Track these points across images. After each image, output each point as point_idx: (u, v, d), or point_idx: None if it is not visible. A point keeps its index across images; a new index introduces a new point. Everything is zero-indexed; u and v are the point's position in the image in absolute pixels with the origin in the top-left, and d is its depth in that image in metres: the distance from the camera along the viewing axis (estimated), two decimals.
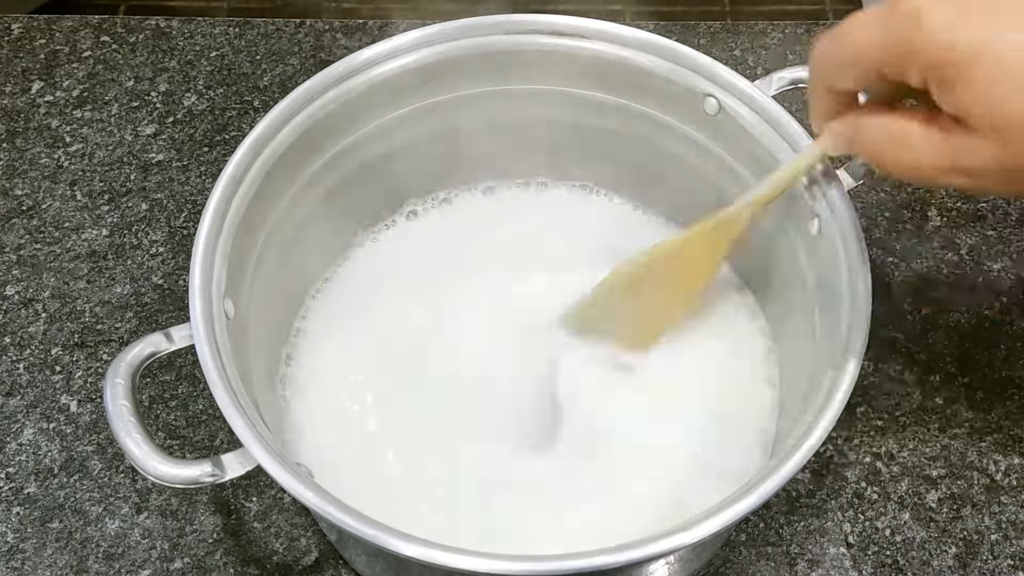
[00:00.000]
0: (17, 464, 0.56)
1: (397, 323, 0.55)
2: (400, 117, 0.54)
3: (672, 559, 0.49)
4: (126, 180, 0.66)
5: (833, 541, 0.53)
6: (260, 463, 0.40)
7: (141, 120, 0.69)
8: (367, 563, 0.51)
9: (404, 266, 0.58)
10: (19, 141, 0.68)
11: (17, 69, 0.71)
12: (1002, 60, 0.34)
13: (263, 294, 0.50)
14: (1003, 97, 0.34)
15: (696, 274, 0.52)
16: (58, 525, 0.54)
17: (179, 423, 0.57)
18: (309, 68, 0.71)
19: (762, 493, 0.39)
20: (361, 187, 0.56)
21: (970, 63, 0.34)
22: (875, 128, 0.40)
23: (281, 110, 0.50)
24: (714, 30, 0.73)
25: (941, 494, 0.55)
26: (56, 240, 0.64)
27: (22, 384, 0.58)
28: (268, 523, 0.54)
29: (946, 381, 0.58)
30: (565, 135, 0.57)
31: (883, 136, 0.40)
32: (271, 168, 0.49)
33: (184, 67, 0.71)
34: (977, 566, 0.53)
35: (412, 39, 0.52)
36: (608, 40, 0.52)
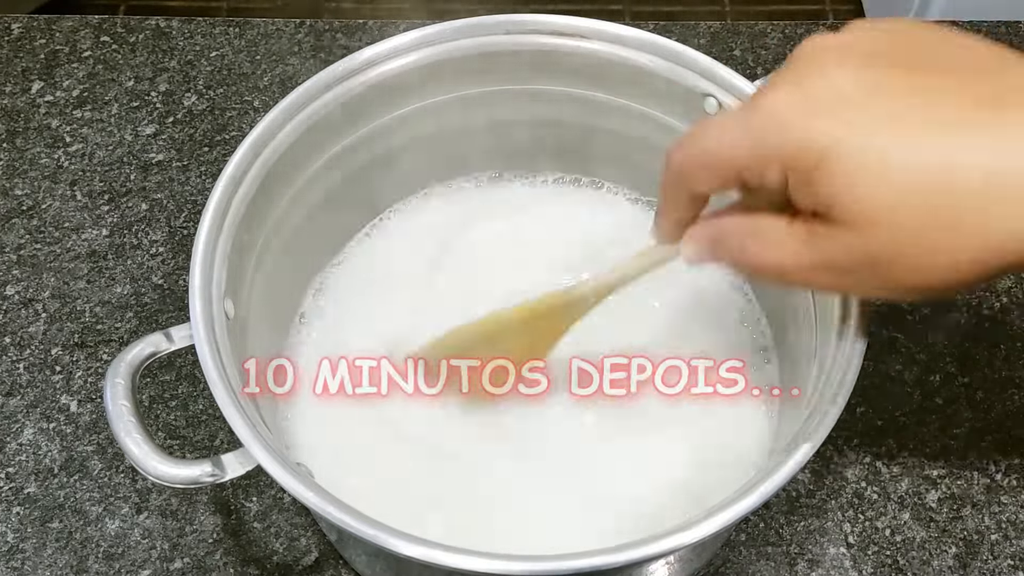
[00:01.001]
0: (17, 464, 0.56)
1: (397, 322, 0.55)
2: (400, 117, 0.54)
3: (672, 559, 0.49)
4: (126, 180, 0.66)
5: (833, 541, 0.53)
6: (260, 463, 0.40)
7: (141, 120, 0.69)
8: (367, 563, 0.51)
9: (404, 265, 0.58)
10: (19, 141, 0.68)
11: (17, 69, 0.71)
12: (864, 150, 0.33)
13: (263, 294, 0.50)
14: (868, 187, 0.33)
15: (535, 346, 0.51)
16: (58, 525, 0.54)
17: (179, 423, 0.57)
18: (309, 68, 0.71)
19: (762, 493, 0.39)
20: (361, 187, 0.56)
21: (832, 158, 0.33)
22: (736, 228, 0.39)
23: (281, 110, 0.49)
24: (714, 30, 0.73)
25: (941, 494, 0.55)
26: (56, 240, 0.64)
27: (22, 384, 0.58)
28: (268, 523, 0.54)
29: (946, 381, 0.58)
30: (565, 135, 0.57)
31: (745, 233, 0.38)
32: (271, 168, 0.49)
33: (184, 67, 0.71)
34: (977, 566, 0.53)
35: (412, 39, 0.52)
36: (608, 40, 0.52)
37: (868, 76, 0.34)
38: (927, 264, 0.34)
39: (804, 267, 0.37)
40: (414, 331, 0.55)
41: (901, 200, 0.33)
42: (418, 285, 0.57)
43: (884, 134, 0.33)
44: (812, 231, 0.36)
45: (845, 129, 0.33)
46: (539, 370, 0.52)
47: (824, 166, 0.34)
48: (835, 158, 0.33)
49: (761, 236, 0.38)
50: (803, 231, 0.36)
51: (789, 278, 0.37)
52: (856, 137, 0.33)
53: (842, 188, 0.34)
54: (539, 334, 0.50)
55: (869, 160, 0.33)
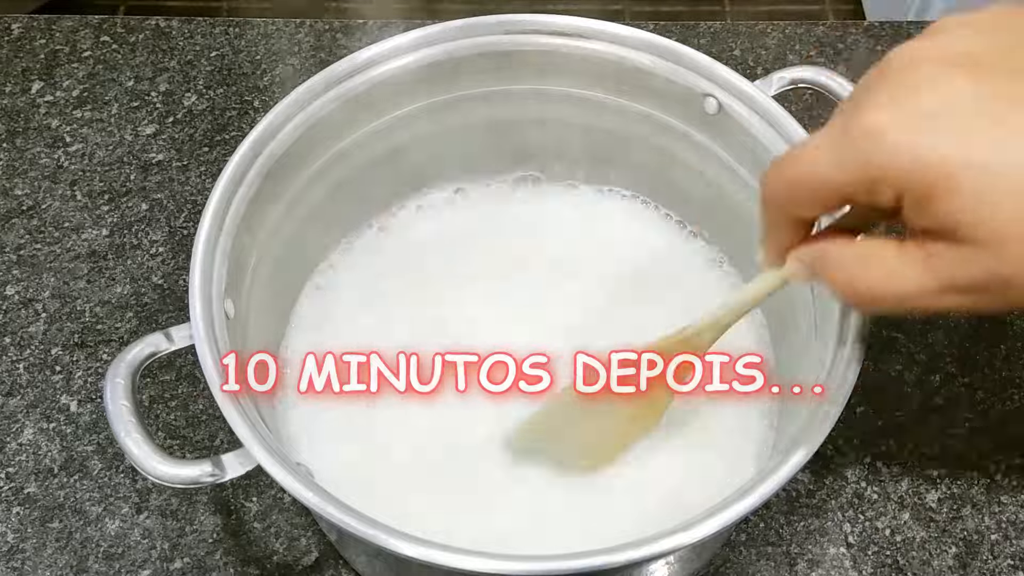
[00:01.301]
0: (17, 464, 0.56)
1: (397, 322, 0.55)
2: (400, 117, 0.54)
3: (672, 559, 0.49)
4: (126, 180, 0.66)
5: (833, 541, 0.53)
6: (260, 463, 0.40)
7: (141, 120, 0.69)
8: (367, 563, 0.51)
9: (404, 265, 0.58)
10: (19, 141, 0.68)
11: (17, 69, 0.71)
12: (987, 166, 0.32)
13: (263, 294, 0.50)
14: (996, 204, 0.32)
15: (657, 395, 0.49)
16: (58, 525, 0.54)
17: (179, 423, 0.57)
18: (309, 68, 0.71)
19: (762, 493, 0.39)
20: (361, 187, 0.56)
21: (951, 174, 0.32)
22: (842, 256, 0.37)
23: (281, 110, 0.50)
24: (714, 30, 0.73)
25: (941, 494, 0.55)
26: (56, 240, 0.64)
27: (22, 384, 0.58)
28: (268, 523, 0.54)
29: (946, 381, 0.58)
30: (565, 135, 0.57)
31: (851, 263, 0.37)
32: (271, 168, 0.49)
33: (184, 67, 0.71)
34: (977, 566, 0.53)
35: (412, 39, 0.52)
36: (608, 40, 0.52)
37: (974, 87, 0.32)
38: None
39: (928, 292, 0.35)
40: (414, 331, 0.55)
41: None
42: (418, 286, 0.57)
43: (1009, 148, 0.32)
44: (930, 253, 0.34)
45: (964, 145, 0.32)
46: (541, 366, 0.51)
47: (946, 185, 0.32)
48: (958, 176, 0.32)
49: (871, 264, 0.36)
50: (919, 254, 0.34)
51: (910, 304, 0.36)
52: (978, 153, 0.32)
53: (969, 207, 0.32)
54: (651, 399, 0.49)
55: (996, 176, 0.32)
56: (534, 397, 0.51)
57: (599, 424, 0.50)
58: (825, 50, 0.72)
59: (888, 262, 0.35)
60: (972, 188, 0.32)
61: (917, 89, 0.33)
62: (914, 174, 0.33)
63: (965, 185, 0.32)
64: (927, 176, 0.32)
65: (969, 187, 0.32)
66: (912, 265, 0.35)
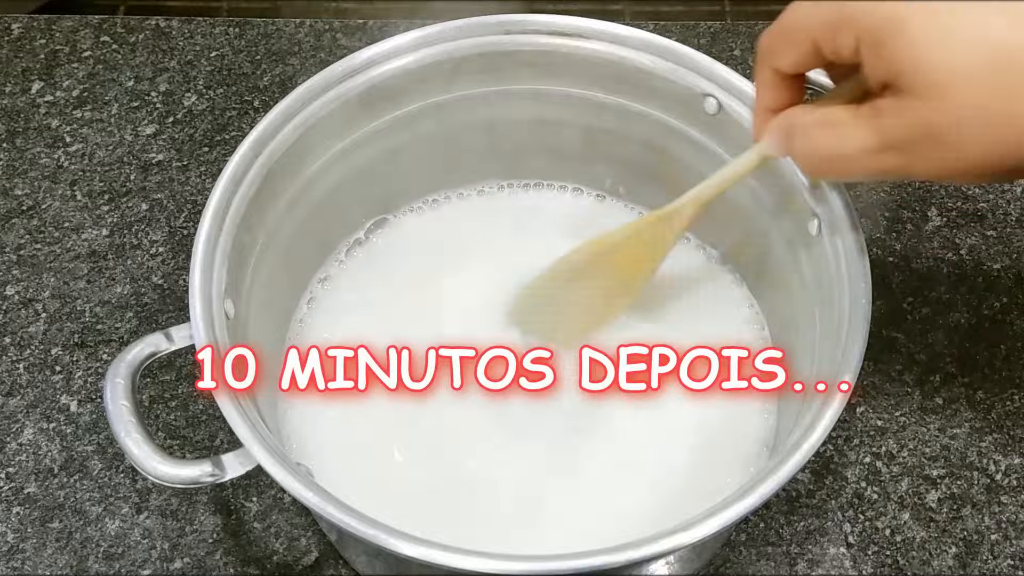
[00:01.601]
0: (17, 464, 0.56)
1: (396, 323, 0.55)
2: (400, 117, 0.54)
3: (672, 559, 0.49)
4: (126, 180, 0.66)
5: (833, 541, 0.53)
6: (260, 463, 0.41)
7: (141, 120, 0.69)
8: (367, 563, 0.51)
9: (403, 265, 0.58)
10: (19, 141, 0.68)
11: (17, 69, 0.71)
12: (936, 16, 0.34)
13: (263, 294, 0.50)
14: (931, 48, 0.34)
15: (639, 267, 0.51)
16: (58, 525, 0.54)
17: (179, 423, 0.57)
18: (309, 68, 0.71)
19: (762, 493, 0.39)
20: (361, 187, 0.56)
21: (901, 20, 0.34)
22: (808, 117, 0.40)
23: (281, 110, 0.50)
24: (714, 30, 0.73)
25: (941, 494, 0.55)
26: (56, 240, 0.64)
27: (22, 384, 0.58)
28: (268, 523, 0.54)
29: (946, 381, 0.58)
30: (565, 135, 0.57)
31: (814, 124, 0.40)
32: (271, 168, 0.49)
33: (184, 67, 0.71)
34: (977, 566, 0.53)
35: (412, 39, 0.52)
36: (608, 40, 0.52)
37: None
38: (989, 138, 0.34)
39: (870, 151, 0.37)
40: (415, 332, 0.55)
41: (969, 71, 0.34)
42: (418, 286, 0.57)
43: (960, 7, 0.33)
44: (877, 109, 0.36)
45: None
46: (544, 361, 0.49)
47: (895, 32, 0.34)
48: (905, 24, 0.34)
49: (827, 124, 0.39)
50: (868, 112, 0.37)
51: (854, 165, 0.38)
52: (929, 5, 0.34)
53: (911, 55, 0.34)
54: (634, 264, 0.50)
55: (940, 28, 0.33)
56: (536, 396, 0.50)
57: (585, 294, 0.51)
58: None
59: (842, 124, 0.38)
60: (917, 38, 0.34)
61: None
62: (868, 15, 0.35)
63: (911, 29, 0.34)
64: (878, 17, 0.35)
65: (914, 37, 0.34)
66: (861, 125, 0.37)
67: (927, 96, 0.35)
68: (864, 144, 0.37)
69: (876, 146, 0.37)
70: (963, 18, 0.34)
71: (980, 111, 0.34)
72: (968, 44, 0.33)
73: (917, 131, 0.36)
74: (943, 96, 0.34)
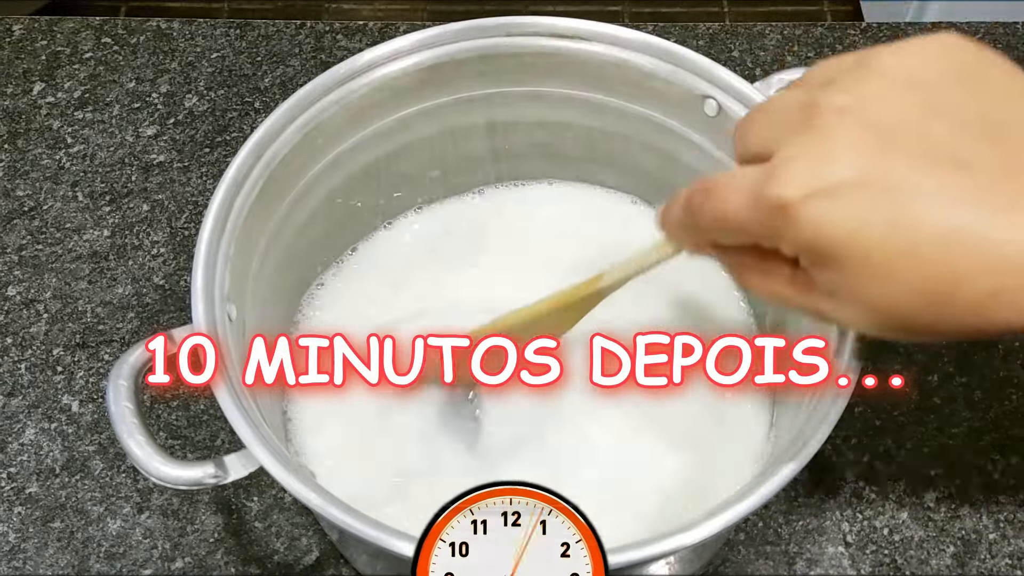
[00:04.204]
0: (19, 464, 0.56)
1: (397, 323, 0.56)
2: (401, 119, 0.54)
3: (673, 559, 0.49)
4: (127, 181, 0.66)
5: (832, 540, 0.54)
6: (263, 465, 0.41)
7: (142, 121, 0.69)
8: (368, 563, 0.52)
9: (405, 266, 0.58)
10: (20, 142, 0.68)
11: (18, 70, 0.71)
12: (869, 257, 0.34)
13: (265, 295, 0.51)
14: (868, 286, 0.35)
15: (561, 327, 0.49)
16: (60, 525, 0.54)
17: (180, 423, 0.57)
18: (310, 70, 0.71)
19: (762, 494, 0.40)
20: (363, 189, 0.56)
21: (839, 256, 0.34)
22: (744, 261, 0.39)
23: (283, 112, 0.50)
24: (713, 31, 0.73)
25: (939, 493, 0.55)
26: (58, 241, 0.64)
27: (24, 384, 0.59)
28: (269, 523, 0.54)
29: (944, 381, 0.58)
30: (565, 137, 0.57)
31: (750, 266, 0.39)
32: (273, 170, 0.49)
33: (185, 68, 0.71)
34: (975, 565, 0.53)
35: (413, 41, 0.52)
36: (608, 42, 0.52)
37: (880, 163, 0.34)
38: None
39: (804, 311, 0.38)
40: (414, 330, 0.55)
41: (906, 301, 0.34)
42: (418, 285, 0.57)
43: (899, 236, 0.33)
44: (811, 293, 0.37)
45: (851, 228, 0.34)
46: (549, 352, 0.44)
47: (830, 262, 0.35)
48: (842, 257, 0.34)
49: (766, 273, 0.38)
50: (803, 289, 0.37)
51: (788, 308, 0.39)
52: (860, 239, 0.34)
53: (845, 283, 0.35)
54: (553, 327, 0.48)
55: (872, 262, 0.34)
56: (540, 391, 0.46)
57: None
58: (823, 51, 0.72)
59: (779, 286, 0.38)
60: (849, 270, 0.34)
61: (830, 159, 0.34)
62: (810, 251, 0.35)
63: (845, 266, 0.34)
64: (820, 254, 0.35)
65: (847, 269, 0.34)
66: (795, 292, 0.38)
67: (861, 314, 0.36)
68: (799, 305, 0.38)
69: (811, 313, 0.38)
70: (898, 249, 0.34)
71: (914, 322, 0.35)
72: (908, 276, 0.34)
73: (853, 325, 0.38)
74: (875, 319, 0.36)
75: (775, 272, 0.38)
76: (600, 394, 0.46)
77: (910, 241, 0.33)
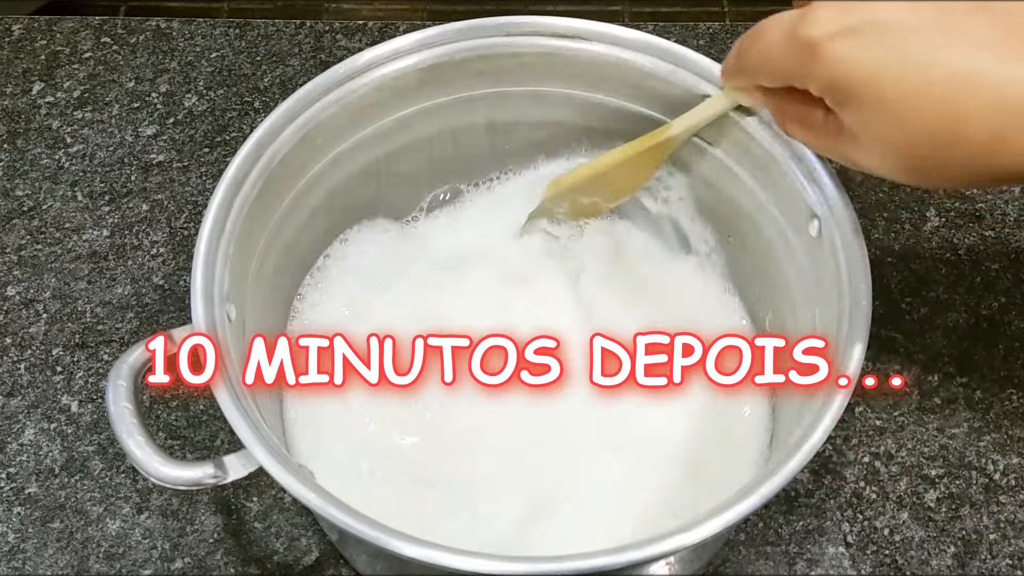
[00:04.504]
0: (18, 464, 0.56)
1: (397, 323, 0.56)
2: (401, 119, 0.54)
3: (673, 559, 0.49)
4: (127, 181, 0.66)
5: (832, 541, 0.54)
6: (263, 465, 0.41)
7: (142, 121, 0.69)
8: (368, 563, 0.52)
9: (405, 266, 0.58)
10: (20, 142, 0.68)
11: (18, 70, 0.71)
12: (884, 94, 0.36)
13: (264, 295, 0.51)
14: (884, 125, 0.37)
15: (635, 179, 0.54)
16: (59, 525, 0.54)
17: (180, 423, 0.57)
18: (309, 69, 0.71)
19: (763, 494, 0.40)
20: (362, 189, 0.56)
21: (859, 94, 0.37)
22: (786, 107, 0.44)
23: (282, 112, 0.50)
24: (713, 31, 0.73)
25: (940, 494, 0.55)
26: (57, 241, 0.64)
27: (23, 384, 0.59)
28: (269, 523, 0.54)
29: (945, 381, 0.58)
30: (566, 137, 0.57)
31: (791, 113, 0.43)
32: (272, 170, 0.49)
33: (185, 68, 0.71)
34: (976, 565, 0.53)
35: (413, 41, 0.52)
36: (608, 42, 0.52)
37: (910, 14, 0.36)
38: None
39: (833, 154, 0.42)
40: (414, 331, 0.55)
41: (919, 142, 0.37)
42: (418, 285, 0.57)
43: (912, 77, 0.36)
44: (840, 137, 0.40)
45: (872, 69, 0.36)
46: (549, 352, 0.44)
47: (852, 100, 0.37)
48: (862, 95, 0.37)
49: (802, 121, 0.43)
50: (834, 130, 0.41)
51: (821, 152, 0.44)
52: (879, 79, 0.36)
53: (865, 121, 0.38)
54: (626, 179, 0.54)
55: (888, 103, 0.36)
56: (540, 391, 0.46)
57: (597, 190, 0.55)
58: None
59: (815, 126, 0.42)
60: (868, 108, 0.37)
61: (858, 7, 0.37)
62: (832, 86, 0.38)
63: (864, 105, 0.37)
64: (840, 91, 0.38)
65: (866, 107, 0.37)
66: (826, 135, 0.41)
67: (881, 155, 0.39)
68: (828, 150, 0.43)
69: (839, 156, 0.42)
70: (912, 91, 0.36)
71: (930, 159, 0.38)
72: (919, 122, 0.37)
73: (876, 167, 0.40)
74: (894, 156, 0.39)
75: (810, 119, 0.42)
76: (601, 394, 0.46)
77: (923, 81, 0.36)
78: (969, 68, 0.35)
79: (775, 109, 0.45)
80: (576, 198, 0.56)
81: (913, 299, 0.61)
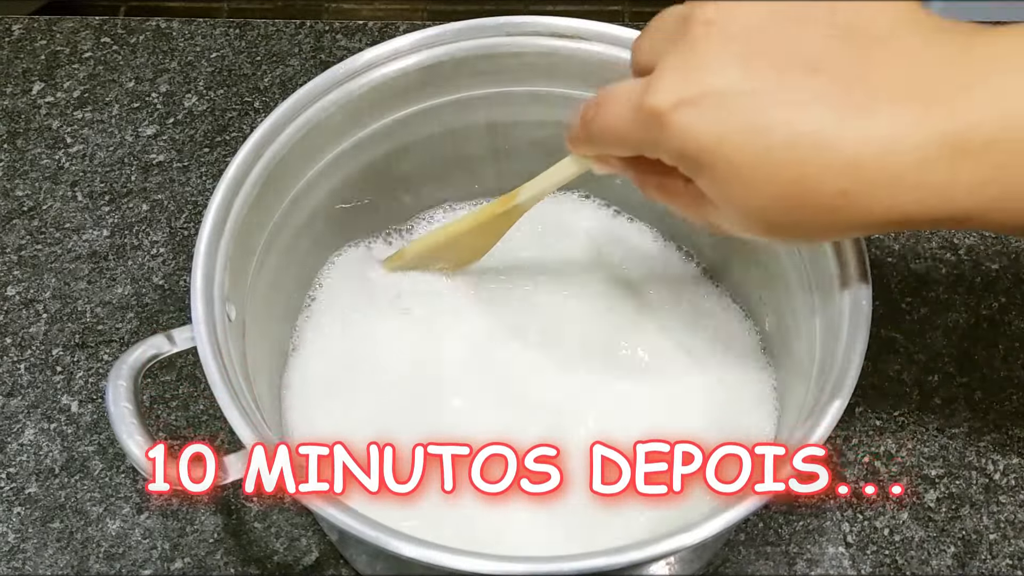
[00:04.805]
0: (18, 464, 0.56)
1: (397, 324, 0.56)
2: (401, 119, 0.54)
3: (673, 559, 0.49)
4: (127, 181, 0.66)
5: (832, 541, 0.54)
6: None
7: (142, 121, 0.69)
8: (368, 563, 0.52)
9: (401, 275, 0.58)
10: (20, 142, 0.68)
11: (18, 70, 0.71)
12: (731, 161, 0.36)
13: (265, 296, 0.50)
14: (736, 192, 0.37)
15: (481, 246, 0.55)
16: (59, 525, 0.54)
17: (180, 423, 0.57)
18: (309, 69, 0.71)
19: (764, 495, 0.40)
20: (362, 189, 0.56)
21: (709, 163, 0.36)
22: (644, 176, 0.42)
23: (282, 112, 0.50)
24: None
25: (940, 494, 0.55)
26: (57, 241, 0.64)
27: (23, 384, 0.59)
28: (269, 523, 0.54)
29: (944, 381, 0.58)
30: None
31: (651, 182, 0.42)
32: (272, 170, 0.49)
33: (185, 68, 0.71)
34: (976, 565, 0.53)
35: (413, 41, 0.52)
36: (608, 42, 0.52)
37: (743, 76, 0.36)
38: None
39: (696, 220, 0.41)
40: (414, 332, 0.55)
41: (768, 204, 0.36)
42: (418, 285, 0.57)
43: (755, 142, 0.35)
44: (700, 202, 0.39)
45: (718, 135, 0.36)
46: (549, 460, 0.44)
47: (704, 170, 0.37)
48: (712, 164, 0.36)
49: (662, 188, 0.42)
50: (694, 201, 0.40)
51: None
52: (726, 147, 0.36)
53: (718, 189, 0.37)
54: (474, 245, 0.54)
55: (738, 169, 0.36)
56: (540, 500, 0.45)
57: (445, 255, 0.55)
58: None
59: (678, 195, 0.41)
60: (720, 176, 0.37)
61: (698, 69, 0.36)
62: (684, 159, 0.37)
63: (716, 173, 0.36)
64: (693, 162, 0.37)
65: (718, 175, 0.37)
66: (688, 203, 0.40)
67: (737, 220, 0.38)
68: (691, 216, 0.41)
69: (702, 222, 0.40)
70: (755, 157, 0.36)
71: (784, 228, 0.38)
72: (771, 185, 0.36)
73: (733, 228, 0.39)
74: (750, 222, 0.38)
75: (671, 186, 0.41)
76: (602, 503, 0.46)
77: (764, 145, 0.35)
78: (809, 129, 0.34)
79: (634, 178, 0.43)
80: (422, 264, 0.56)
81: (913, 299, 0.61)
